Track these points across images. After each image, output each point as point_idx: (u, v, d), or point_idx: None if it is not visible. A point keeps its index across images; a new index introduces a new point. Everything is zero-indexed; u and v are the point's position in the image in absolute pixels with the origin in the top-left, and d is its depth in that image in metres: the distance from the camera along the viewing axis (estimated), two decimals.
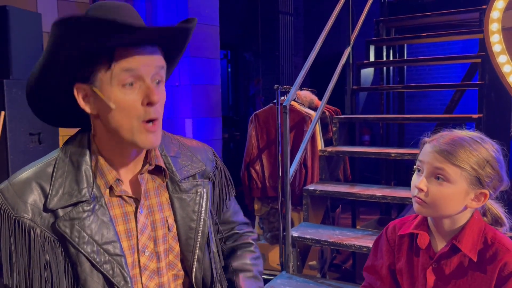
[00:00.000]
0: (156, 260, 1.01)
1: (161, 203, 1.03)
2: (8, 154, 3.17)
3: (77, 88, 0.92)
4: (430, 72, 7.04)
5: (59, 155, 0.96)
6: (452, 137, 1.07)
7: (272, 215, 3.33)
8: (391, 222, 1.27)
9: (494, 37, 2.36)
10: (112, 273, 0.91)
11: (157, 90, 0.91)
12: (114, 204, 0.97)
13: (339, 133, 3.08)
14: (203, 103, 4.81)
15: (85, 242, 0.91)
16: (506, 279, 1.04)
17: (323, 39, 2.82)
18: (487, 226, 1.11)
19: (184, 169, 1.05)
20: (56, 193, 0.91)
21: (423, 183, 1.06)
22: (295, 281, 2.35)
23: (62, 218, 0.90)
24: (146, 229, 1.00)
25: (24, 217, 0.89)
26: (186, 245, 1.03)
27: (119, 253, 0.93)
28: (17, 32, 3.27)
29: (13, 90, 3.20)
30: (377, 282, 1.27)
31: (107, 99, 0.89)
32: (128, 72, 0.88)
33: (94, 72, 0.88)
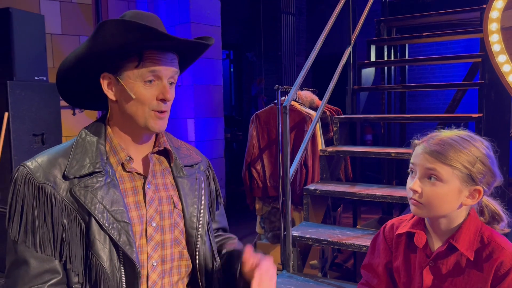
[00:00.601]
0: (161, 232, 1.10)
1: (166, 183, 1.14)
2: (12, 155, 3.20)
3: (103, 77, 1.07)
4: (432, 71, 7.03)
5: (78, 138, 1.09)
6: (441, 138, 1.09)
7: (273, 215, 3.34)
8: (388, 221, 1.29)
9: (493, 36, 2.37)
10: (118, 238, 1.01)
11: (171, 90, 1.07)
12: (125, 179, 1.09)
13: (340, 132, 3.09)
14: (205, 103, 4.83)
15: (96, 207, 1.01)
16: (502, 278, 1.05)
17: (323, 39, 2.83)
18: (484, 225, 1.13)
19: (185, 158, 1.19)
20: (74, 165, 1.04)
21: (416, 185, 1.08)
22: (295, 280, 2.37)
23: (78, 186, 1.02)
24: (153, 202, 1.10)
25: (47, 184, 1.01)
26: (190, 222, 1.14)
27: (126, 220, 1.03)
28: (20, 34, 3.30)
29: (16, 91, 3.23)
30: (374, 280, 1.29)
31: (129, 90, 1.05)
32: (151, 73, 1.04)
33: (123, 67, 1.04)
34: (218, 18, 4.89)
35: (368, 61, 3.74)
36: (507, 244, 1.08)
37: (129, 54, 1.03)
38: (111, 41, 1.00)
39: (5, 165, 3.21)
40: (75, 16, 4.20)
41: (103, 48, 1.01)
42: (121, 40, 0.99)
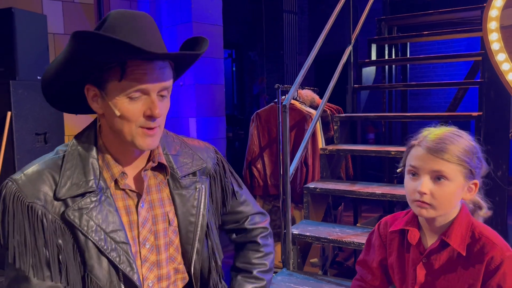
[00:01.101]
0: (156, 252, 1.05)
1: (162, 198, 1.08)
2: (15, 154, 3.23)
3: (87, 88, 0.98)
4: (434, 70, 7.03)
5: (68, 149, 1.01)
6: (440, 136, 1.10)
7: (274, 213, 3.36)
8: (383, 218, 1.31)
9: (492, 35, 2.38)
10: (118, 260, 0.97)
11: (161, 104, 0.97)
12: (117, 196, 1.03)
13: (340, 131, 3.10)
14: (207, 102, 4.84)
15: (93, 230, 0.95)
16: (493, 273, 1.07)
17: (323, 38, 2.84)
18: (474, 220, 1.14)
19: (184, 166, 1.10)
20: (65, 184, 0.96)
21: (425, 187, 1.07)
22: (295, 277, 2.38)
23: (71, 208, 0.95)
24: (147, 223, 1.04)
25: (37, 203, 0.94)
26: (186, 238, 1.08)
27: (125, 241, 0.98)
28: (23, 34, 3.33)
29: (19, 91, 3.26)
30: (368, 276, 1.31)
31: (113, 106, 0.95)
32: (136, 89, 0.94)
33: (105, 80, 0.95)
34: (220, 18, 4.91)
35: (369, 60, 3.75)
36: (497, 239, 1.10)
37: (110, 65, 0.93)
38: (81, 56, 0.92)
39: (8, 164, 3.24)
40: (77, 15, 4.23)
41: (78, 61, 0.93)
42: (92, 55, 0.91)
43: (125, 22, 0.94)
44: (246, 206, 1.25)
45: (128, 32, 0.92)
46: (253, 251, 1.25)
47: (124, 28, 0.93)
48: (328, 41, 2.88)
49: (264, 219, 1.30)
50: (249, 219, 1.26)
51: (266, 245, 1.26)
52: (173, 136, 1.16)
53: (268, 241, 1.27)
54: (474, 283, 1.08)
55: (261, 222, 1.28)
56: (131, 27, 0.94)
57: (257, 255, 1.24)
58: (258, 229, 1.26)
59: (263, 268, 1.24)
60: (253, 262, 1.23)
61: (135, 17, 0.96)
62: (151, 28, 0.97)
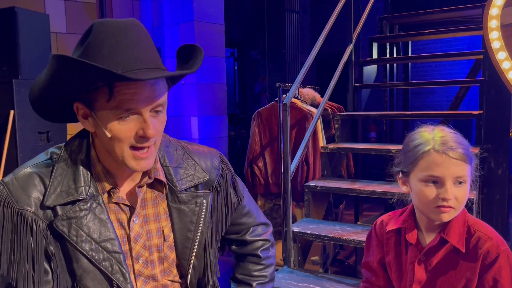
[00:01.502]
0: (151, 267, 1.03)
1: (158, 213, 1.04)
2: (18, 152, 3.25)
3: (76, 106, 0.94)
4: (437, 68, 7.02)
5: (61, 153, 0.98)
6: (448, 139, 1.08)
7: (275, 211, 3.37)
8: (379, 218, 1.32)
9: (493, 34, 2.38)
10: (111, 270, 0.94)
11: (155, 121, 0.92)
12: (110, 209, 0.99)
13: (341, 130, 3.11)
14: (209, 101, 4.86)
15: (83, 240, 0.93)
16: (489, 267, 1.09)
17: (324, 37, 2.85)
18: (470, 216, 1.16)
19: (185, 179, 1.05)
20: (54, 191, 0.93)
21: (451, 193, 1.06)
22: (296, 275, 2.40)
23: (60, 218, 0.92)
24: (140, 238, 1.01)
25: (27, 210, 0.92)
26: (182, 253, 1.05)
27: (118, 251, 0.95)
28: (25, 33, 3.35)
29: (22, 90, 3.28)
30: (372, 277, 1.32)
31: (103, 126, 0.90)
32: (126, 109, 0.88)
33: (94, 99, 0.90)
34: (221, 16, 4.92)
35: (370, 58, 3.76)
36: (492, 234, 1.11)
37: (96, 86, 0.88)
38: (64, 79, 0.87)
39: (11, 162, 3.27)
40: (79, 14, 4.25)
41: (61, 83, 0.88)
42: (74, 79, 0.86)
43: (109, 36, 0.87)
44: (249, 218, 1.22)
45: (114, 49, 0.87)
46: (253, 263, 1.23)
47: (108, 44, 0.87)
48: (330, 40, 2.89)
49: (266, 230, 1.27)
50: (250, 231, 1.23)
51: (266, 258, 1.24)
52: (176, 144, 1.11)
53: (269, 253, 1.25)
54: (471, 278, 1.10)
55: (263, 234, 1.25)
56: (116, 42, 0.87)
57: (257, 268, 1.23)
58: (259, 241, 1.24)
59: (263, 280, 1.23)
60: (253, 274, 1.22)
61: (121, 30, 0.88)
62: (140, 39, 0.90)
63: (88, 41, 0.88)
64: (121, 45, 0.87)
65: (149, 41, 0.92)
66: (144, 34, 0.92)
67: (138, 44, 0.89)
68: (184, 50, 1.02)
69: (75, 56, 0.89)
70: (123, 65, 0.86)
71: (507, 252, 1.08)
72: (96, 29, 0.89)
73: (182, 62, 1.01)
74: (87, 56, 0.87)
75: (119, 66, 0.86)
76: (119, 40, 0.87)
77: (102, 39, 0.87)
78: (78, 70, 0.84)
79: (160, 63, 0.94)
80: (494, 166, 2.53)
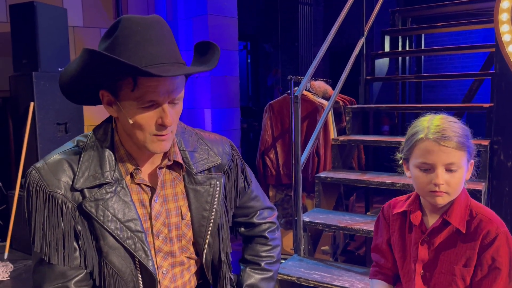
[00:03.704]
0: (170, 244, 1.11)
1: (176, 193, 1.12)
2: (38, 142, 3.37)
3: (102, 94, 1.02)
4: (452, 61, 6.97)
5: (87, 141, 1.06)
6: (442, 127, 1.14)
7: (286, 202, 3.44)
8: (386, 203, 1.38)
9: (503, 27, 2.39)
10: (134, 248, 1.02)
11: (172, 112, 1.00)
12: (133, 190, 1.07)
13: (352, 122, 3.15)
14: (222, 94, 4.92)
15: (109, 220, 1.01)
16: (488, 246, 1.15)
17: (336, 30, 2.88)
18: (472, 200, 1.21)
19: (200, 162, 1.14)
20: (82, 175, 1.01)
21: (442, 179, 1.12)
22: (305, 263, 2.46)
23: (88, 199, 1.00)
24: (160, 216, 1.09)
25: (58, 192, 1.00)
26: (198, 231, 1.13)
27: (140, 230, 1.03)
28: (44, 27, 3.44)
29: (41, 82, 3.38)
30: (381, 260, 1.39)
31: (126, 113, 0.99)
32: (148, 100, 0.96)
33: (119, 88, 0.97)
34: (235, 9, 4.96)
35: (382, 51, 3.77)
36: (493, 216, 1.17)
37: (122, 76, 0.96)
38: (92, 70, 0.95)
39: (31, 152, 3.38)
40: (96, 8, 4.33)
41: (90, 73, 0.96)
42: (102, 71, 0.94)
43: (136, 32, 0.94)
44: (256, 201, 1.31)
45: (139, 44, 0.94)
46: (261, 244, 1.31)
47: (134, 39, 0.94)
48: (343, 33, 2.92)
49: (272, 213, 1.35)
50: (257, 214, 1.31)
51: (273, 239, 1.32)
52: (191, 131, 1.19)
53: (275, 235, 1.34)
54: (471, 257, 1.16)
55: (269, 217, 1.34)
56: (142, 38, 0.94)
57: (265, 248, 1.31)
58: (266, 223, 1.32)
59: (271, 260, 1.31)
60: (261, 254, 1.30)
61: (146, 26, 0.95)
62: (164, 35, 0.98)
63: (115, 35, 0.96)
64: (145, 41, 0.94)
65: (170, 37, 1.00)
66: (166, 30, 0.99)
67: (161, 40, 0.96)
68: (201, 46, 1.09)
69: (102, 48, 0.98)
70: (147, 59, 0.94)
71: (506, 233, 1.14)
72: (123, 24, 0.96)
73: (198, 58, 1.09)
74: (114, 49, 0.95)
75: (143, 60, 0.93)
76: (144, 36, 0.95)
77: (128, 34, 0.95)
78: (106, 64, 0.91)
79: (180, 58, 1.01)
80: (504, 158, 2.55)
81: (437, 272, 1.21)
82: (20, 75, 3.47)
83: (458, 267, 1.18)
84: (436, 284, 1.22)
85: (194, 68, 1.02)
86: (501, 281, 1.14)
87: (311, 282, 2.26)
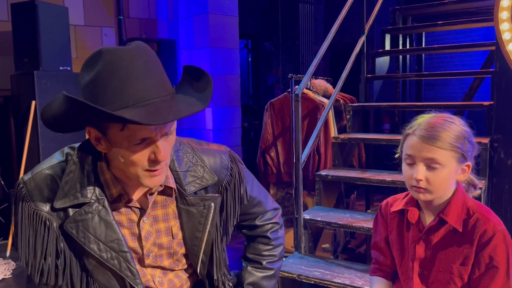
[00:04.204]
0: (160, 261, 1.11)
1: (167, 214, 1.10)
2: (39, 141, 3.38)
3: (88, 131, 0.97)
4: (452, 60, 6.97)
5: (73, 157, 1.02)
6: (431, 124, 1.16)
7: (287, 200, 3.45)
8: (384, 200, 1.39)
9: (503, 25, 2.40)
10: (119, 268, 1.01)
11: (165, 145, 0.95)
12: (121, 211, 1.05)
13: (353, 120, 3.16)
14: (223, 93, 4.93)
15: (90, 241, 0.99)
16: (485, 245, 1.15)
17: (336, 28, 2.89)
18: (469, 198, 1.22)
19: (193, 183, 1.10)
20: (63, 193, 0.99)
21: (420, 174, 1.14)
22: (306, 260, 2.47)
23: (69, 220, 0.99)
24: (150, 236, 1.08)
25: (43, 210, 0.99)
26: (191, 249, 1.12)
27: (125, 250, 1.01)
28: (46, 26, 3.45)
29: (43, 81, 3.39)
30: (380, 257, 1.40)
31: (117, 152, 0.94)
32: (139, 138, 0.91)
33: (107, 127, 0.92)
34: (235, 8, 4.97)
35: (382, 50, 3.78)
36: (490, 215, 1.17)
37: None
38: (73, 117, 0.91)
39: (33, 151, 3.39)
40: (97, 7, 4.34)
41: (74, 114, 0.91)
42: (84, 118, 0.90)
43: (119, 67, 0.88)
44: (259, 207, 1.29)
45: (124, 81, 0.88)
46: (263, 244, 1.31)
47: (118, 76, 0.88)
48: (343, 31, 2.92)
49: (276, 214, 1.34)
50: (260, 217, 1.31)
51: (276, 239, 1.33)
52: (186, 147, 1.14)
53: (278, 235, 1.33)
54: (468, 255, 1.17)
55: (272, 218, 1.33)
56: (126, 73, 0.88)
57: (267, 248, 1.31)
58: (268, 224, 1.32)
59: (273, 259, 1.32)
60: (263, 254, 1.31)
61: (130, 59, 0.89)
62: (150, 66, 0.92)
63: (98, 70, 0.90)
64: (131, 76, 0.88)
65: (158, 66, 0.94)
66: (152, 58, 0.93)
67: (148, 72, 0.91)
68: (193, 71, 1.03)
69: (85, 81, 0.92)
70: (134, 97, 0.88)
71: (503, 232, 1.15)
72: (105, 59, 0.89)
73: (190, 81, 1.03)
74: (97, 87, 0.89)
75: (130, 98, 0.88)
76: (130, 71, 0.88)
77: (111, 70, 0.88)
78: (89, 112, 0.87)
79: (170, 87, 0.96)
80: (504, 156, 2.56)
81: (434, 270, 1.22)
82: (22, 74, 3.48)
83: (456, 266, 1.19)
84: (434, 282, 1.23)
85: (188, 109, 0.93)
86: (498, 280, 1.15)
87: (312, 279, 2.27)
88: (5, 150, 3.91)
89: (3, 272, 3.02)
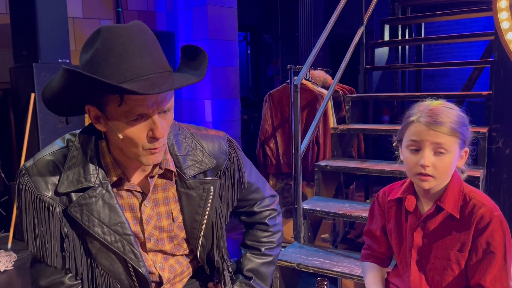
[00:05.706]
0: (161, 245, 1.13)
1: (167, 197, 1.11)
2: (39, 133, 3.39)
3: (88, 109, 0.98)
4: (452, 50, 6.95)
5: (75, 143, 1.04)
6: (435, 111, 1.16)
7: (286, 191, 3.46)
8: (381, 189, 1.39)
9: (502, 14, 2.39)
10: (123, 250, 1.03)
11: (163, 122, 0.97)
12: (123, 195, 1.07)
13: (352, 111, 3.17)
14: (222, 85, 4.93)
15: (94, 225, 1.01)
16: (482, 230, 1.16)
17: (335, 19, 2.89)
18: (465, 185, 1.23)
19: (193, 166, 1.11)
20: (67, 179, 1.01)
21: (428, 160, 1.13)
22: (305, 250, 2.49)
23: (73, 204, 1.00)
24: (151, 220, 1.10)
25: (45, 195, 1.00)
26: (191, 233, 1.13)
27: (128, 233, 1.03)
28: (44, 18, 3.45)
29: (42, 73, 3.40)
30: (374, 245, 1.41)
31: (115, 128, 0.95)
32: (137, 113, 0.93)
33: (105, 103, 0.94)
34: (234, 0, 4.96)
35: (381, 40, 3.78)
36: (487, 201, 1.18)
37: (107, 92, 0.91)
38: (75, 88, 0.92)
39: (33, 143, 3.41)
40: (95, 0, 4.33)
41: (73, 90, 0.92)
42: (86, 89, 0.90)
43: (117, 44, 0.90)
44: (257, 194, 1.30)
45: (122, 57, 0.90)
46: (261, 230, 1.32)
47: (116, 52, 0.90)
48: (343, 22, 2.92)
49: (273, 200, 1.36)
50: (258, 203, 1.32)
51: (274, 225, 1.34)
52: (185, 131, 1.15)
53: (276, 221, 1.35)
54: (465, 241, 1.18)
55: (270, 205, 1.34)
56: (124, 50, 0.90)
57: (265, 234, 1.32)
58: (267, 211, 1.33)
59: (271, 246, 1.33)
60: (262, 240, 1.32)
61: (128, 36, 0.91)
62: (147, 43, 0.93)
63: (96, 48, 0.92)
64: (129, 52, 0.90)
65: (155, 44, 0.96)
66: (149, 37, 0.95)
67: (145, 49, 0.92)
68: (189, 51, 1.05)
69: (84, 60, 0.94)
70: (131, 72, 0.90)
71: (500, 217, 1.16)
72: (103, 36, 0.91)
73: (187, 62, 1.05)
74: (96, 64, 0.91)
75: (127, 73, 0.90)
76: (127, 47, 0.90)
77: (109, 47, 0.90)
78: (88, 83, 0.88)
79: (167, 65, 0.98)
80: (502, 145, 2.56)
81: (432, 257, 1.23)
82: (21, 67, 3.49)
83: (453, 252, 1.20)
84: (432, 269, 1.24)
85: (182, 81, 0.96)
86: (496, 265, 1.16)
87: (311, 268, 2.29)
88: (5, 143, 3.92)
89: (5, 264, 3.04)
